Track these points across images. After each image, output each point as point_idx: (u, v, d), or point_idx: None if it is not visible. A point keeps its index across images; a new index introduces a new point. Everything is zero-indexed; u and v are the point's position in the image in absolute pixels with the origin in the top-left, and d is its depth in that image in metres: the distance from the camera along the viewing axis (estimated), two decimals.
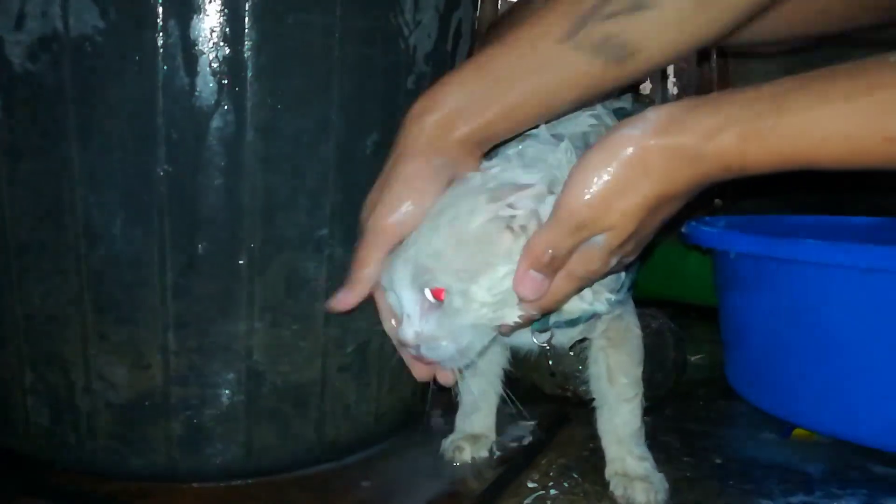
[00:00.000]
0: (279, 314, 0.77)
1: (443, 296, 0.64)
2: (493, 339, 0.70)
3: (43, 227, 0.74)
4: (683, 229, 1.10)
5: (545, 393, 1.08)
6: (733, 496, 0.80)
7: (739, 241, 0.97)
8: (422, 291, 0.64)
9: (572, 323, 0.74)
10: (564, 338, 0.78)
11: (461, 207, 0.65)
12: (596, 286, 0.71)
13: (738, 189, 1.75)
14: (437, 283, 0.63)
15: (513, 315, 0.65)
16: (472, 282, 0.63)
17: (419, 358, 0.68)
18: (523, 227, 0.64)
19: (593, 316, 0.75)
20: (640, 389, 0.81)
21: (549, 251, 0.61)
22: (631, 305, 0.82)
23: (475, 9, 0.91)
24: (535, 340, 0.74)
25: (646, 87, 2.00)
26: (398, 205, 0.66)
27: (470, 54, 0.92)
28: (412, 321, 0.65)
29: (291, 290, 0.77)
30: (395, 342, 0.71)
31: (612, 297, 0.73)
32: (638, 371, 0.81)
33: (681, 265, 1.54)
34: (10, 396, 0.80)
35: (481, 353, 0.70)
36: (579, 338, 0.79)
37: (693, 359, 1.25)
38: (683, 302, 1.51)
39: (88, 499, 0.76)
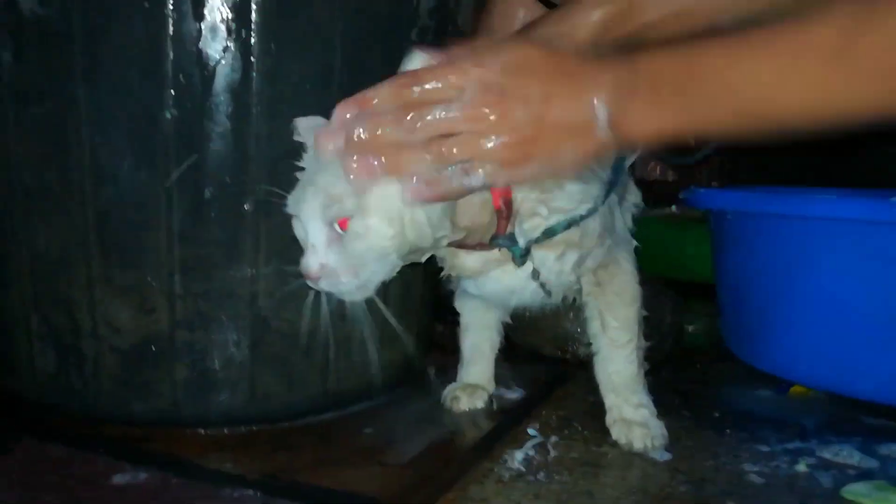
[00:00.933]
0: (284, 260, 0.78)
1: (346, 225, 0.61)
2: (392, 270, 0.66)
3: (49, 169, 0.75)
4: (682, 195, 1.11)
5: (545, 355, 1.09)
6: (731, 443, 0.82)
7: (736, 199, 0.98)
8: (330, 223, 0.62)
9: (549, 233, 0.71)
10: (553, 274, 0.75)
11: None
12: (555, 199, 0.70)
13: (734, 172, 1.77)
14: (345, 212, 0.61)
15: (412, 234, 0.62)
16: (379, 213, 0.60)
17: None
18: None
19: (570, 224, 0.71)
20: (633, 335, 0.81)
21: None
22: (624, 239, 0.82)
23: None
24: (518, 268, 0.72)
25: None
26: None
27: (471, 14, 0.94)
28: (317, 251, 0.63)
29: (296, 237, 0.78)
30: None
31: (586, 198, 0.71)
32: (630, 312, 0.80)
33: (679, 243, 1.56)
34: (16, 340, 0.81)
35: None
36: (573, 277, 0.77)
37: (690, 328, 1.26)
38: (681, 279, 1.52)
39: (92, 442, 0.77)
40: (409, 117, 0.58)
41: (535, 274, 0.73)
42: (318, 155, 0.62)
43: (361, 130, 0.59)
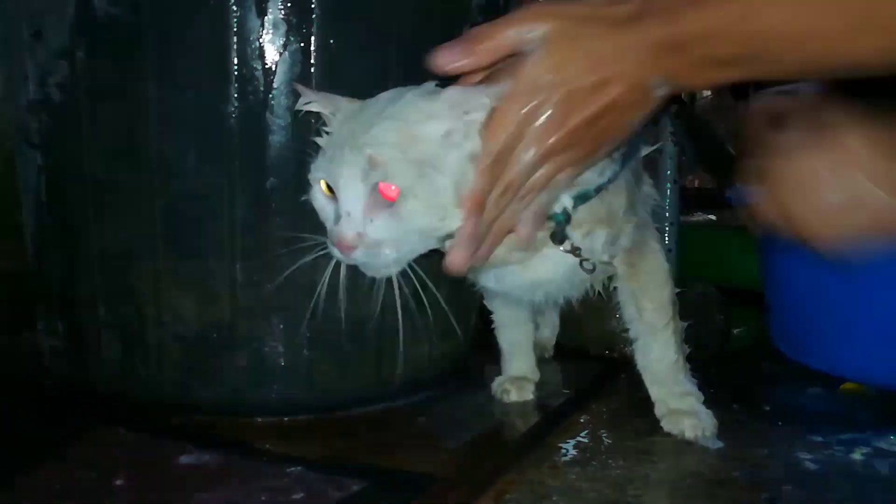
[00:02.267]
0: None
1: (394, 194, 0.57)
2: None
3: (119, 165, 0.78)
4: (727, 193, 1.11)
5: (591, 355, 1.10)
6: (783, 434, 0.82)
7: None
8: (372, 187, 0.57)
9: (584, 197, 0.68)
10: (589, 246, 0.71)
11: (421, 107, 0.60)
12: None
13: None
14: (392, 179, 0.56)
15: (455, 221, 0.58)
16: (426, 181, 0.57)
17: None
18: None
19: (599, 189, 0.69)
20: (669, 317, 0.80)
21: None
22: (647, 219, 0.82)
23: None
24: (560, 248, 0.69)
25: None
26: None
27: None
28: (353, 220, 0.57)
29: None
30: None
31: (609, 172, 0.69)
32: (664, 294, 0.80)
33: (725, 250, 1.56)
34: (85, 333, 0.84)
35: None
36: (606, 257, 0.74)
37: (736, 331, 1.26)
38: (727, 285, 1.52)
39: (158, 429, 0.79)
40: (508, 192, 0.59)
41: (576, 249, 0.69)
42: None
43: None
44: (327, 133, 0.64)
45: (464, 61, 0.59)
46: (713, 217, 1.81)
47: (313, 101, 0.65)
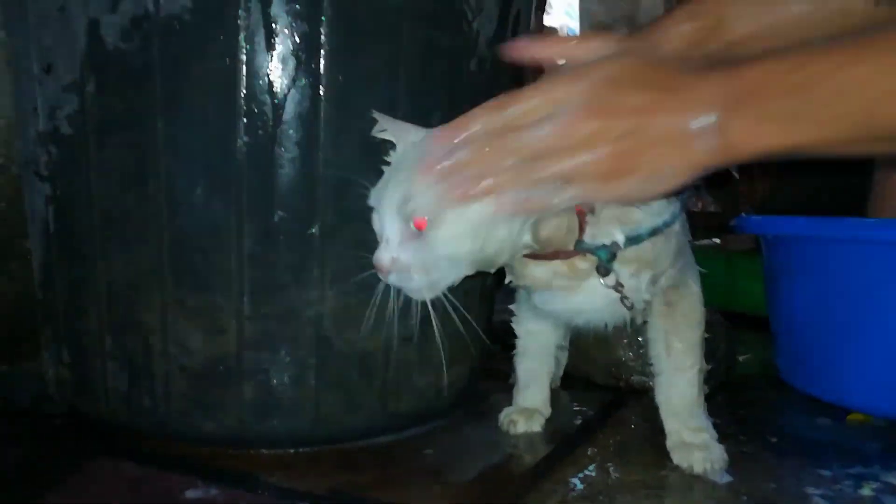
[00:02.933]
0: (347, 283, 0.80)
1: (424, 226, 0.62)
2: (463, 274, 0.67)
3: (128, 198, 0.79)
4: (732, 222, 1.11)
5: (598, 384, 1.10)
6: (791, 467, 0.81)
7: (795, 225, 0.98)
8: (406, 219, 0.63)
9: (635, 240, 0.70)
10: (631, 291, 0.73)
11: None
12: (647, 206, 0.70)
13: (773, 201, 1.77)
14: (420, 212, 0.62)
15: (492, 246, 0.63)
16: (454, 217, 0.61)
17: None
18: None
19: (654, 232, 0.71)
20: (696, 359, 0.81)
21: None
22: (692, 261, 0.82)
23: (531, 1, 0.95)
24: (603, 283, 0.71)
25: None
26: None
27: None
28: (390, 246, 0.64)
29: (360, 259, 0.80)
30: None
31: (664, 211, 0.71)
32: (695, 335, 0.81)
33: (730, 276, 1.56)
34: (91, 363, 0.84)
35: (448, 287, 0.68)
36: (650, 295, 0.77)
37: (742, 359, 1.26)
38: (733, 311, 1.52)
39: (164, 460, 0.79)
40: (504, 139, 0.58)
41: (619, 285, 0.71)
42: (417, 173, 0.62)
43: (460, 157, 0.59)
44: (388, 162, 0.69)
45: None
46: (718, 241, 1.81)
47: (386, 130, 0.70)
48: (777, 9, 0.67)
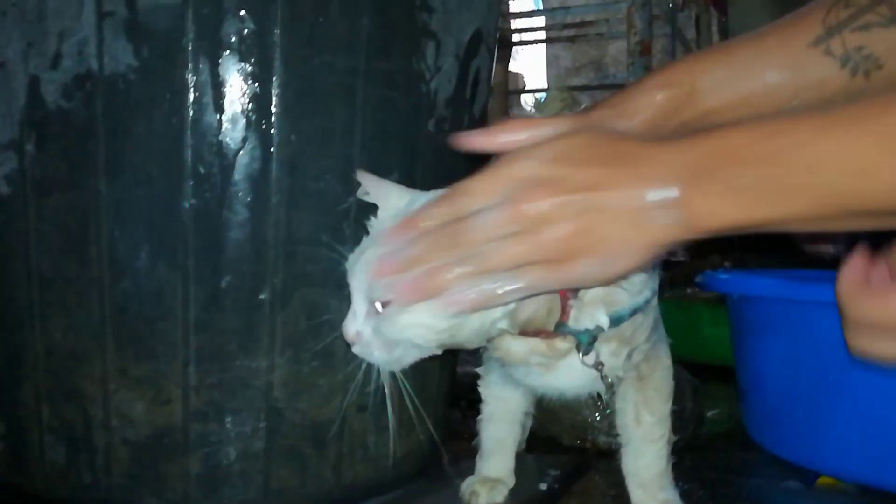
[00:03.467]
0: (300, 350, 0.77)
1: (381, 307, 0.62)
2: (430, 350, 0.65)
3: (68, 262, 0.75)
4: (698, 279, 1.10)
5: (563, 444, 1.07)
6: None
7: (762, 285, 0.97)
8: (370, 300, 0.62)
9: (617, 321, 0.68)
10: (612, 363, 0.71)
11: None
12: (629, 284, 0.67)
13: (745, 248, 1.77)
14: (381, 297, 0.61)
15: (461, 335, 0.61)
16: (408, 307, 0.59)
17: None
18: None
19: (635, 312, 0.69)
20: (666, 430, 0.80)
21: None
22: (663, 334, 0.80)
23: (492, 59, 0.94)
24: (583, 361, 0.68)
25: None
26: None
27: (487, 102, 0.95)
28: (356, 319, 0.63)
29: (312, 325, 0.77)
30: None
31: (645, 288, 0.70)
32: (665, 408, 0.79)
33: (695, 326, 1.54)
34: (27, 434, 0.79)
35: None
36: (624, 370, 0.74)
37: (710, 414, 1.23)
38: (698, 361, 1.50)
39: None
40: (454, 231, 0.55)
41: (599, 364, 0.69)
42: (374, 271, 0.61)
43: (410, 253, 0.57)
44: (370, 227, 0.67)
45: None
46: (688, 290, 1.80)
47: (370, 193, 0.68)
48: (751, 78, 0.65)
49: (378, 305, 0.61)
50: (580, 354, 0.67)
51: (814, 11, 0.65)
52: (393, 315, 0.60)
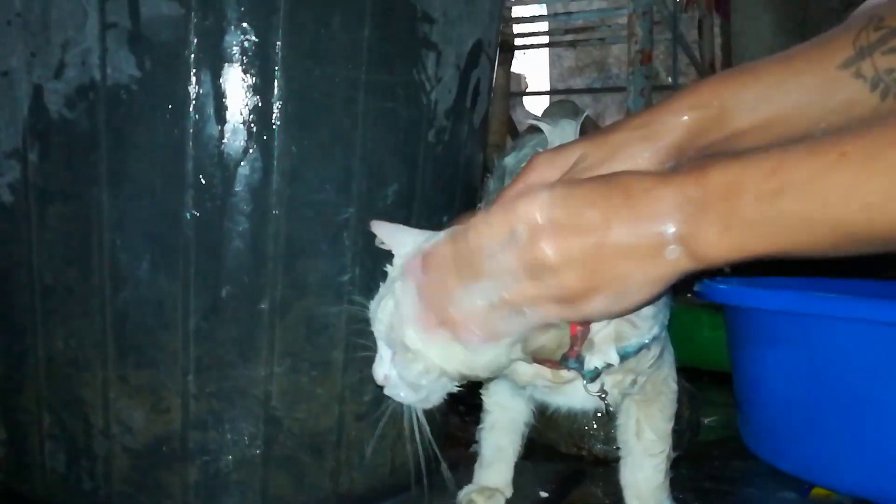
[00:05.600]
0: (298, 360, 0.78)
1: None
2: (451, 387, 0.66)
3: (70, 271, 0.76)
4: (697, 287, 1.10)
5: (561, 452, 1.07)
6: None
7: (760, 297, 0.97)
8: (393, 345, 0.64)
9: (624, 356, 0.69)
10: (615, 389, 0.74)
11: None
12: (640, 319, 0.69)
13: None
14: (401, 342, 0.62)
15: (478, 368, 0.63)
16: (424, 346, 0.62)
17: None
18: None
19: (641, 348, 0.71)
20: (667, 445, 0.80)
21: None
22: (671, 356, 0.81)
23: (492, 68, 0.95)
24: (586, 389, 0.70)
25: None
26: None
27: (487, 112, 0.95)
28: (383, 363, 0.65)
29: (311, 335, 0.78)
30: None
31: (655, 324, 0.71)
32: (667, 427, 0.80)
33: (694, 331, 1.54)
34: (27, 441, 0.80)
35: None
36: (631, 391, 0.76)
37: (707, 421, 1.24)
38: (696, 367, 1.50)
39: None
40: (465, 269, 0.56)
41: (603, 392, 0.71)
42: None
43: (425, 289, 0.59)
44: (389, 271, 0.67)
45: None
46: (688, 295, 1.80)
47: (385, 241, 0.67)
48: (779, 100, 0.64)
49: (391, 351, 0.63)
50: (584, 381, 0.69)
51: (844, 33, 0.64)
52: (415, 362, 0.61)
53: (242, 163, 0.73)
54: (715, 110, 0.65)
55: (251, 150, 0.73)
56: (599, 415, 1.02)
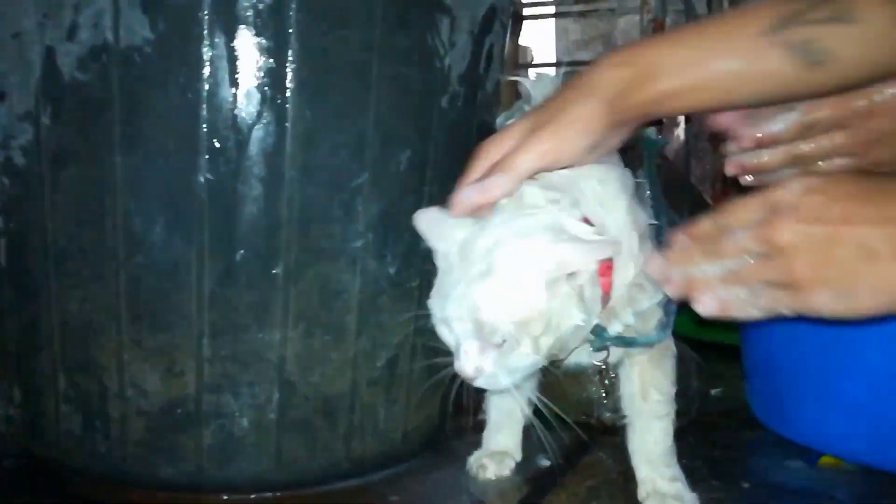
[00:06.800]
0: (312, 324, 0.78)
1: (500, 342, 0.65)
2: None
3: (84, 234, 0.76)
4: None
5: (569, 420, 1.08)
6: None
7: None
8: (483, 340, 0.65)
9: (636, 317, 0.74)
10: (615, 356, 0.78)
11: (520, 254, 0.64)
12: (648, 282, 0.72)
13: None
14: (499, 337, 0.64)
15: (565, 352, 0.69)
16: (532, 333, 0.64)
17: None
18: (581, 289, 0.65)
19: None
20: (672, 408, 0.81)
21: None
22: (671, 326, 0.82)
23: (505, 34, 0.94)
24: (592, 360, 0.76)
25: None
26: (556, 140, 0.66)
27: (499, 80, 0.95)
28: (470, 358, 0.65)
29: (325, 300, 0.78)
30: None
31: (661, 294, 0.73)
32: (672, 389, 0.81)
33: None
34: (43, 404, 0.81)
35: None
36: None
37: (714, 392, 1.24)
38: (704, 339, 1.50)
39: None
40: (708, 245, 0.60)
41: (607, 354, 0.75)
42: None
43: (671, 257, 0.63)
44: (440, 265, 0.68)
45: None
46: None
47: (426, 233, 0.69)
48: (704, 64, 0.67)
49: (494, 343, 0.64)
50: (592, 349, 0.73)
51: (762, 5, 0.67)
52: (513, 351, 0.64)
53: (256, 127, 0.73)
54: (640, 69, 0.67)
55: (265, 114, 0.73)
56: (605, 381, 1.03)
